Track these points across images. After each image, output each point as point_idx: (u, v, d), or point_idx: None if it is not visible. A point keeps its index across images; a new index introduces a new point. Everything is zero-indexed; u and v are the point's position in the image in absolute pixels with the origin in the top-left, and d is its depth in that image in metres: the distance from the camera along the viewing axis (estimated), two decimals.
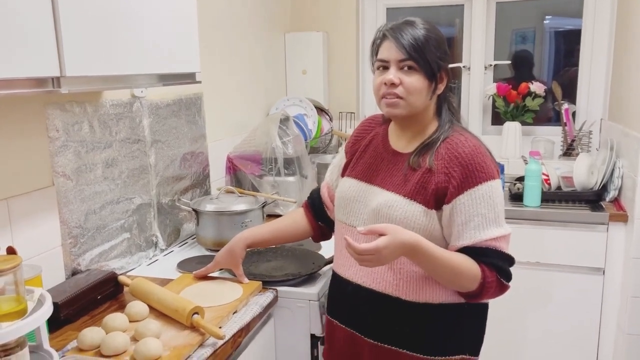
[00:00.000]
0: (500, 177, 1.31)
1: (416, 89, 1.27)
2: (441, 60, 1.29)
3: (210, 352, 1.27)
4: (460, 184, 1.24)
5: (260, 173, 2.31)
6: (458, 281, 1.25)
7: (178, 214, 2.07)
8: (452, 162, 1.25)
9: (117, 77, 1.30)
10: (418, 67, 1.26)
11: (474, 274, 1.23)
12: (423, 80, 1.27)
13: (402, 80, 1.26)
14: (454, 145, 1.27)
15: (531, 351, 2.48)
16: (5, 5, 0.98)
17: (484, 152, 1.27)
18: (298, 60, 3.06)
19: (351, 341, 1.39)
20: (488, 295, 1.27)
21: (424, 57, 1.25)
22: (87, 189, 1.61)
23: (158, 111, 1.93)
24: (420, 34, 1.26)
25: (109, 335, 1.24)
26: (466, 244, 1.24)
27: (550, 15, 3.00)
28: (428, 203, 1.26)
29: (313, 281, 1.64)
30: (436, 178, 1.26)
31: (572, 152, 2.78)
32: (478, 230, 1.23)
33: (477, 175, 1.24)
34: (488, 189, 1.24)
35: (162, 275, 1.72)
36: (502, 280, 1.26)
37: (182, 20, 1.51)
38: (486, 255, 1.24)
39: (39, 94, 1.17)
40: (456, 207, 1.24)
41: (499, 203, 1.26)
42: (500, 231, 1.25)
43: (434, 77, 1.28)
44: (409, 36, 1.26)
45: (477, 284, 1.23)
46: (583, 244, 2.32)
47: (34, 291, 1.13)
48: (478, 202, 1.23)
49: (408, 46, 1.25)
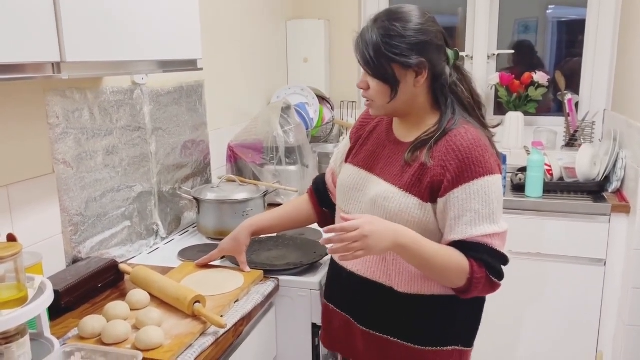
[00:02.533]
0: (502, 173, 1.28)
1: (377, 93, 1.28)
2: (404, 57, 1.22)
3: (211, 340, 1.27)
4: (455, 177, 1.21)
5: (261, 162, 2.30)
6: (447, 275, 1.22)
7: (179, 202, 2.06)
8: (449, 155, 1.22)
9: (117, 63, 1.28)
10: (372, 73, 1.26)
11: (462, 268, 1.20)
12: (383, 84, 1.26)
13: (369, 84, 1.28)
14: (452, 138, 1.24)
15: (531, 342, 2.48)
16: None
17: (483, 146, 1.23)
18: (300, 48, 3.03)
19: (346, 326, 1.40)
20: (477, 292, 1.24)
21: (377, 64, 1.24)
22: (88, 177, 1.60)
23: (159, 98, 1.91)
24: (375, 39, 1.23)
25: (110, 323, 1.23)
26: (457, 239, 1.22)
27: (554, 5, 2.97)
28: (423, 196, 1.24)
29: (314, 270, 1.64)
30: (432, 171, 1.23)
31: (574, 142, 2.77)
32: (470, 225, 1.21)
33: (474, 169, 1.20)
34: (484, 185, 1.21)
35: (163, 264, 1.72)
36: (492, 278, 1.22)
37: (184, 6, 1.49)
38: (476, 250, 1.21)
39: (39, 79, 1.15)
40: (450, 201, 1.22)
41: (496, 199, 1.22)
42: (493, 228, 1.21)
43: (393, 78, 1.24)
44: (364, 45, 1.25)
45: (465, 280, 1.21)
46: (585, 235, 2.32)
47: (34, 279, 1.13)
48: (472, 197, 1.20)
49: (362, 58, 1.26)
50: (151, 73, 1.70)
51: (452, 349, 1.33)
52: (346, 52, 3.03)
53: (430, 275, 1.25)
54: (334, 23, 3.06)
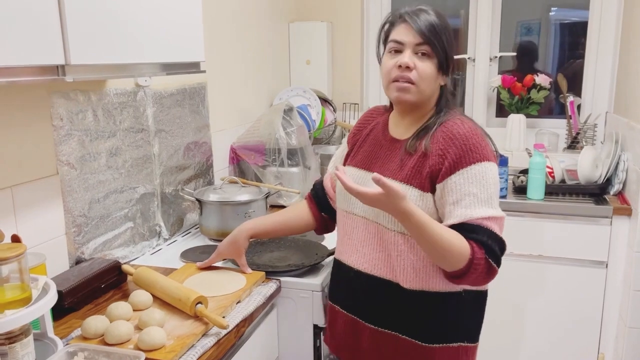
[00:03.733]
0: (500, 166, 1.30)
1: (429, 76, 1.27)
2: (451, 51, 1.29)
3: (213, 341, 1.27)
4: (453, 163, 1.23)
5: (263, 163, 2.31)
6: (449, 255, 1.19)
7: (181, 203, 2.07)
8: (447, 143, 1.25)
9: (121, 65, 1.29)
10: (432, 53, 1.26)
11: (464, 250, 1.18)
12: (435, 68, 1.27)
13: (416, 65, 1.26)
14: (449, 128, 1.27)
15: (533, 343, 2.48)
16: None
17: (479, 135, 1.26)
18: (302, 50, 3.04)
19: (352, 326, 1.40)
20: (474, 276, 1.21)
21: (441, 43, 1.25)
22: (91, 178, 1.61)
23: (162, 100, 1.92)
24: (436, 21, 1.26)
25: (112, 323, 1.24)
26: (456, 222, 1.22)
27: (556, 7, 2.97)
28: (423, 186, 1.26)
29: (316, 272, 1.64)
30: (431, 161, 1.26)
31: (576, 145, 2.77)
32: (469, 208, 1.21)
33: (471, 155, 1.23)
34: (481, 169, 1.22)
35: (166, 265, 1.72)
36: (491, 262, 1.20)
37: (187, 9, 1.50)
38: (476, 232, 1.20)
39: (44, 82, 1.16)
40: (447, 186, 1.23)
41: (493, 185, 1.23)
42: (492, 212, 1.22)
43: (446, 65, 1.28)
44: (426, 21, 1.25)
45: (465, 261, 1.19)
46: (586, 238, 2.32)
47: (38, 279, 1.14)
48: (470, 181, 1.22)
49: (427, 30, 1.25)
50: (154, 75, 1.71)
51: (458, 346, 1.34)
52: (349, 55, 3.06)
53: (432, 254, 1.22)
54: (337, 25, 3.07)
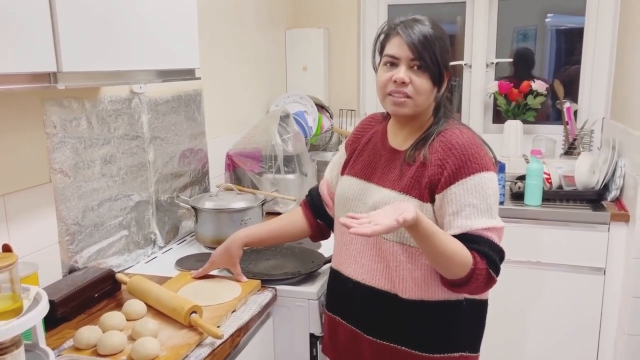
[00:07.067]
0: (497, 172, 1.29)
1: (425, 90, 1.27)
2: (446, 62, 1.28)
3: (208, 351, 1.26)
4: (452, 174, 1.23)
5: (259, 170, 2.30)
6: (452, 263, 1.19)
7: (177, 211, 2.06)
8: (446, 153, 1.25)
9: (115, 72, 1.28)
10: (426, 68, 1.25)
11: (467, 259, 1.19)
12: (430, 81, 1.26)
13: (411, 79, 1.26)
14: (448, 138, 1.27)
15: (531, 351, 2.47)
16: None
17: (478, 144, 1.26)
18: (298, 57, 3.04)
19: (352, 337, 1.39)
20: (475, 285, 1.21)
21: (433, 57, 1.25)
22: (85, 186, 1.60)
23: (157, 107, 1.91)
24: (430, 33, 1.25)
25: (105, 334, 1.23)
26: (457, 233, 1.22)
27: (552, 13, 2.98)
28: (423, 197, 1.26)
29: (312, 280, 1.63)
30: (430, 171, 1.26)
31: (573, 151, 2.76)
32: (469, 219, 1.21)
33: (470, 165, 1.23)
34: (480, 180, 1.22)
35: (161, 273, 1.71)
36: (491, 272, 1.21)
37: (182, 15, 1.50)
38: (477, 243, 1.21)
39: (36, 89, 1.15)
40: (447, 197, 1.23)
41: (492, 195, 1.24)
42: (492, 222, 1.22)
43: (441, 77, 1.27)
44: (420, 34, 1.25)
45: (467, 270, 1.19)
46: (584, 244, 2.31)
47: (29, 289, 1.12)
48: (469, 192, 1.22)
49: (420, 45, 1.24)
50: (149, 82, 1.70)
51: (459, 355, 1.33)
52: (345, 61, 3.06)
53: (436, 261, 1.21)
54: (333, 32, 3.07)
